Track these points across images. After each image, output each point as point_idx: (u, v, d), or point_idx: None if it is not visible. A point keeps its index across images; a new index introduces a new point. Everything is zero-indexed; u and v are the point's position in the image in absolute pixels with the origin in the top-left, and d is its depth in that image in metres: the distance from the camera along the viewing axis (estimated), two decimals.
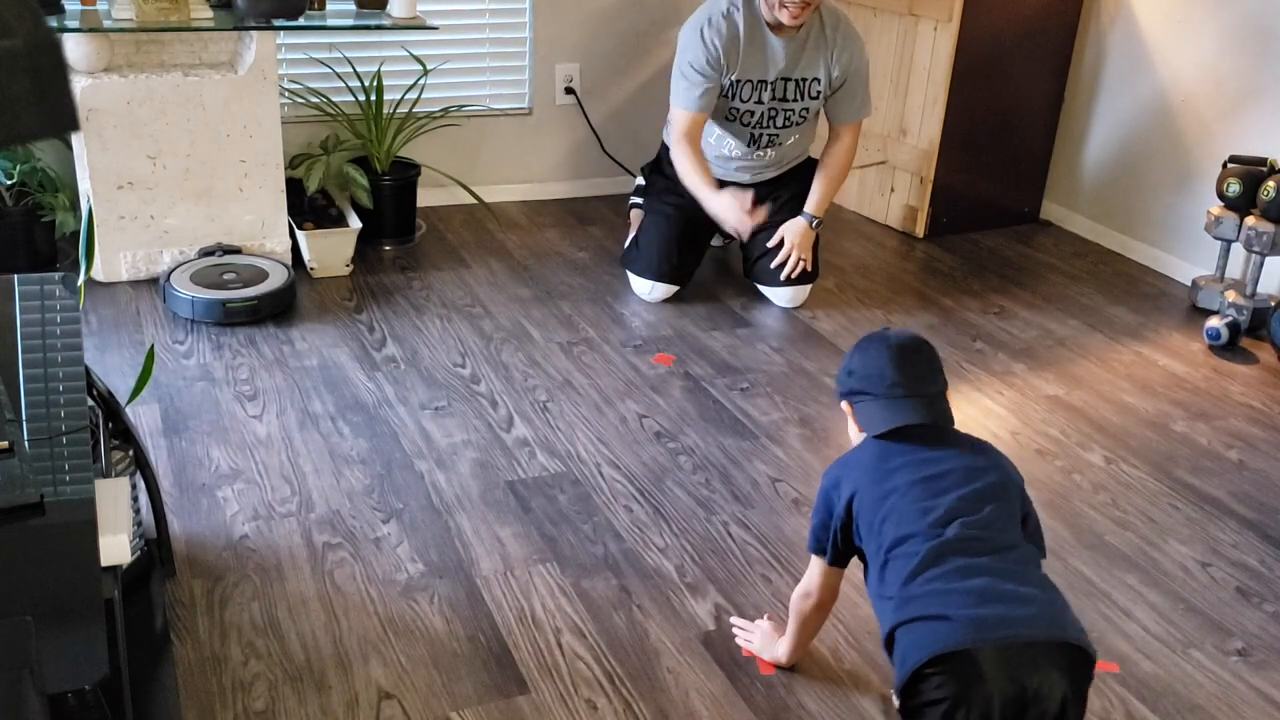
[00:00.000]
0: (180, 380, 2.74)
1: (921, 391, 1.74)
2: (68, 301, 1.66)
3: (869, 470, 1.69)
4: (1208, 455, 2.69)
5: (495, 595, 2.07)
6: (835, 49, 3.18)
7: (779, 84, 3.20)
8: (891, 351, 1.75)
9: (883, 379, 1.75)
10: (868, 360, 1.78)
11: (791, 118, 3.26)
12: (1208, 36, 3.54)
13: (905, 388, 1.73)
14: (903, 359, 1.75)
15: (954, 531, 1.56)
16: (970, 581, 1.51)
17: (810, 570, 1.81)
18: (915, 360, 1.76)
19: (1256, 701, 1.93)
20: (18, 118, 0.95)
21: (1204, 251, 3.61)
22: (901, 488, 1.64)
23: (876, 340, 1.79)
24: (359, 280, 3.37)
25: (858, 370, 1.79)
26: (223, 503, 2.29)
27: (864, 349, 1.80)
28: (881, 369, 1.75)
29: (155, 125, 3.09)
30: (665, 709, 1.84)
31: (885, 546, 1.60)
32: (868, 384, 1.77)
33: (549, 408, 2.72)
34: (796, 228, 3.31)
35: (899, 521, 1.60)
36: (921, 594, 1.52)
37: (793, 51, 3.15)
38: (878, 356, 1.76)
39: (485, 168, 4.04)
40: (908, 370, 1.75)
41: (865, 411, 1.78)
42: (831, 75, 3.21)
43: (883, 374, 1.75)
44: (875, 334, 1.81)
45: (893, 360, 1.75)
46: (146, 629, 1.90)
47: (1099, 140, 3.97)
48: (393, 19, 3.37)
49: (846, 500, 1.69)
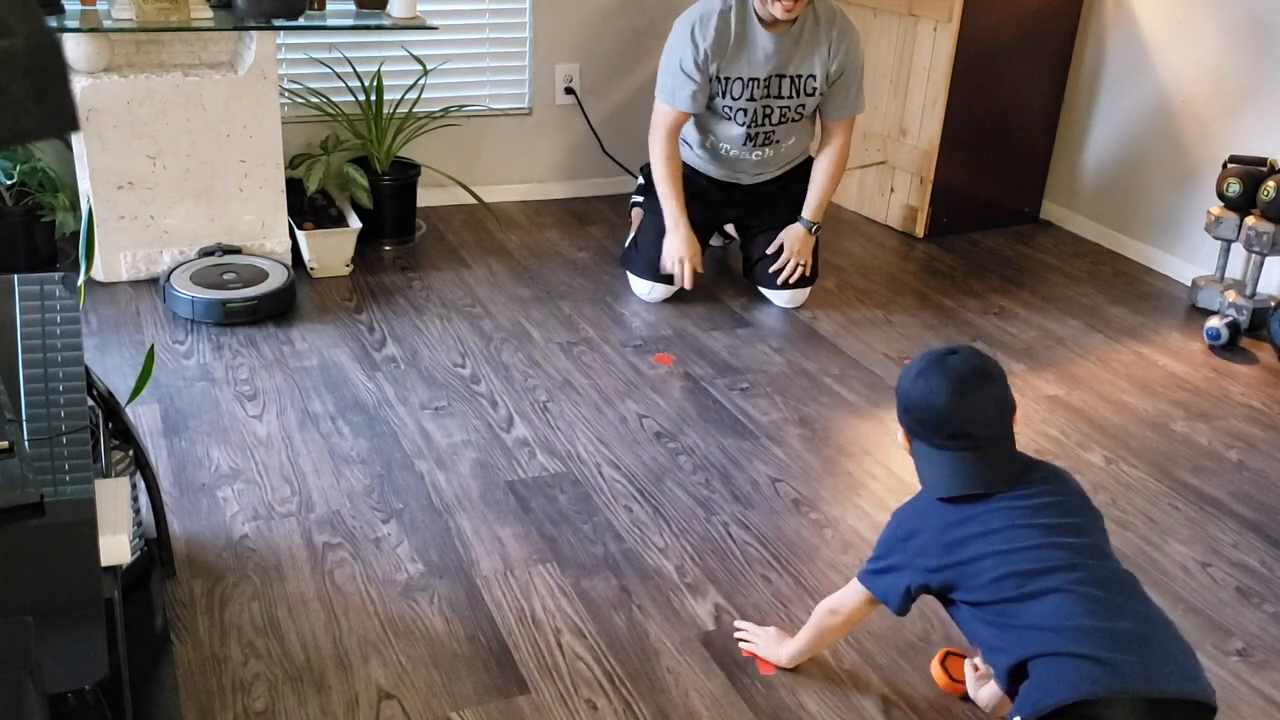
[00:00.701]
0: (180, 380, 2.74)
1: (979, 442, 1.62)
2: (68, 301, 1.66)
3: (938, 538, 1.63)
4: (1208, 455, 2.69)
5: (495, 595, 2.07)
6: (831, 44, 3.15)
7: (773, 81, 3.16)
8: (951, 389, 1.61)
9: (941, 426, 1.63)
10: (925, 396, 1.64)
11: (788, 114, 3.23)
12: (1208, 36, 3.54)
13: (962, 438, 1.62)
14: (965, 400, 1.61)
15: (1090, 564, 1.53)
16: (1119, 624, 1.48)
17: (850, 595, 1.77)
18: (980, 399, 1.62)
19: (1256, 701, 1.93)
20: (18, 118, 0.95)
21: (1204, 251, 3.61)
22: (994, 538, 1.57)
23: (935, 368, 1.64)
24: (359, 280, 3.37)
25: (914, 407, 1.66)
26: (223, 503, 2.29)
27: (922, 379, 1.65)
28: (940, 413, 1.62)
29: (155, 125, 3.09)
30: (665, 709, 1.84)
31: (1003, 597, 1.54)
32: (924, 428, 1.65)
33: (549, 408, 2.72)
34: (795, 234, 3.30)
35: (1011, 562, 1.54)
36: (1071, 629, 1.48)
37: (786, 47, 3.13)
38: (936, 393, 1.62)
39: (485, 168, 4.04)
40: (971, 414, 1.61)
41: (923, 458, 1.68)
42: (829, 71, 3.17)
43: (941, 419, 1.62)
44: (935, 357, 1.66)
45: (952, 402, 1.61)
46: (146, 629, 1.90)
47: (1099, 140, 3.97)
48: (393, 19, 3.37)
49: (929, 567, 1.63)
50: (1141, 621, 1.51)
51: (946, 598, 1.65)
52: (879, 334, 3.21)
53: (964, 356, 1.65)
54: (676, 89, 3.15)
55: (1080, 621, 1.49)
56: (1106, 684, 1.44)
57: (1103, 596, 1.51)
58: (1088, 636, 1.47)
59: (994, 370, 1.66)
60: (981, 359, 1.66)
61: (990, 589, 1.56)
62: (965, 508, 1.62)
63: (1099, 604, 1.50)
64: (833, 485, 2.47)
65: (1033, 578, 1.53)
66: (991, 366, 1.65)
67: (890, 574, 1.68)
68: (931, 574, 1.63)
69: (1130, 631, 1.48)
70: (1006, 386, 1.66)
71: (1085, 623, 1.48)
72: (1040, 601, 1.52)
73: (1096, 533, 1.64)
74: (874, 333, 3.21)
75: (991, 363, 1.66)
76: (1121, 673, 1.44)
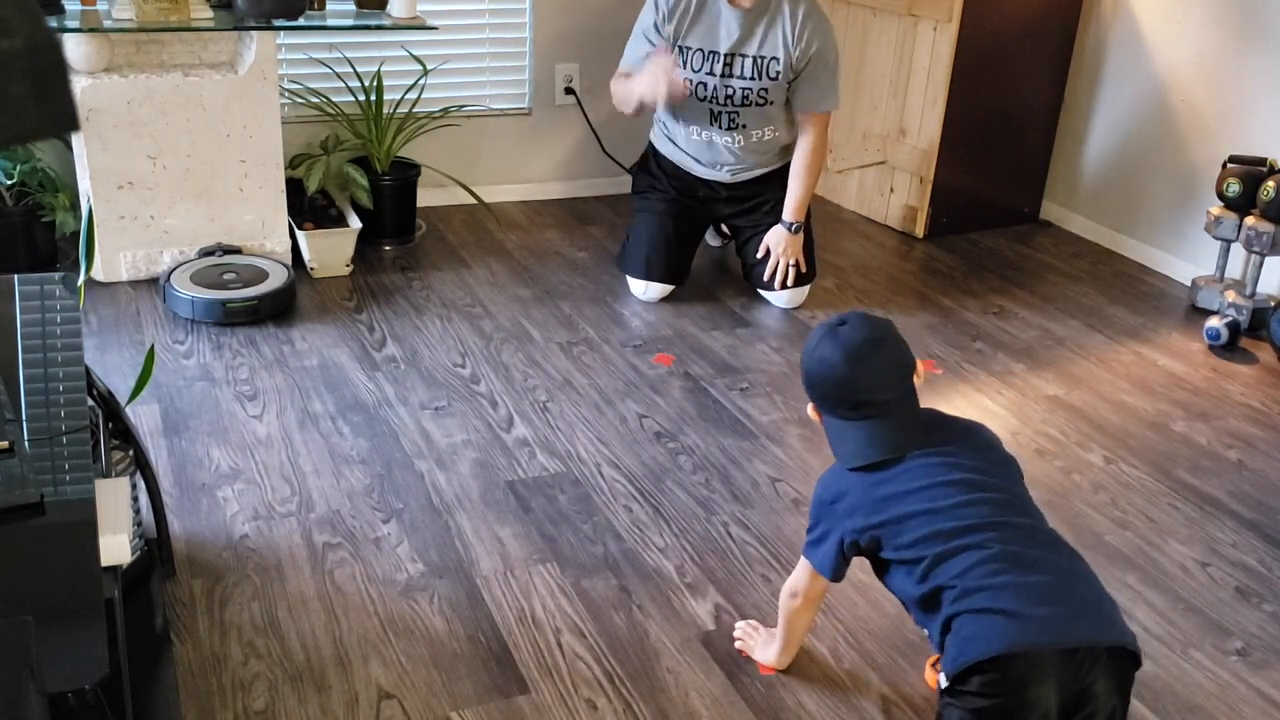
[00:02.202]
0: (180, 380, 2.74)
1: (887, 409, 1.65)
2: (68, 301, 1.66)
3: (863, 496, 1.65)
4: (1207, 455, 2.69)
5: (495, 595, 2.07)
6: (796, 29, 3.11)
7: (734, 59, 3.14)
8: (846, 361, 1.64)
9: (842, 398, 1.66)
10: (822, 370, 1.67)
11: (750, 96, 3.18)
12: (1208, 36, 3.54)
13: (864, 406, 1.65)
14: (861, 369, 1.64)
15: (1009, 521, 1.56)
16: (1033, 577, 1.51)
17: (800, 573, 1.79)
18: (876, 366, 1.65)
19: (1256, 701, 1.93)
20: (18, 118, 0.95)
21: (1204, 251, 3.61)
22: (917, 496, 1.60)
23: (828, 341, 1.67)
24: (359, 280, 3.37)
25: (814, 382, 1.69)
26: (223, 503, 2.29)
27: (816, 353, 1.68)
28: (839, 384, 1.66)
29: (155, 125, 3.09)
30: (665, 709, 1.84)
31: (928, 555, 1.56)
32: (827, 402, 1.69)
33: (549, 408, 2.72)
34: (777, 235, 3.30)
35: (936, 520, 1.57)
36: (987, 586, 1.51)
37: (747, 25, 3.11)
38: (832, 366, 1.66)
39: (485, 168, 4.04)
40: (869, 381, 1.65)
41: (832, 431, 1.71)
42: (792, 56, 3.13)
43: (841, 390, 1.66)
44: (827, 330, 1.68)
45: (849, 373, 1.64)
46: (146, 629, 1.90)
47: (1099, 140, 3.97)
48: (393, 19, 3.37)
49: (857, 527, 1.65)
50: (1058, 574, 1.53)
51: (877, 558, 1.66)
52: None
53: (854, 325, 1.67)
54: (634, 50, 3.21)
55: (995, 579, 1.51)
56: (1020, 638, 1.46)
57: (1019, 552, 1.53)
58: (1003, 592, 1.50)
59: (887, 334, 1.68)
60: (872, 325, 1.67)
61: (914, 548, 1.58)
62: (881, 472, 1.65)
63: (1014, 560, 1.52)
64: None
65: (953, 536, 1.55)
66: (883, 330, 1.68)
67: (824, 541, 1.70)
68: (860, 534, 1.65)
69: (1045, 584, 1.51)
70: (901, 347, 1.69)
71: (1000, 580, 1.50)
72: (958, 559, 1.54)
73: (1015, 484, 1.66)
74: None
75: (883, 326, 1.68)
76: (1035, 626, 1.47)
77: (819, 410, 1.73)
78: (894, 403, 1.66)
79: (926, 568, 1.57)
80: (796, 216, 3.29)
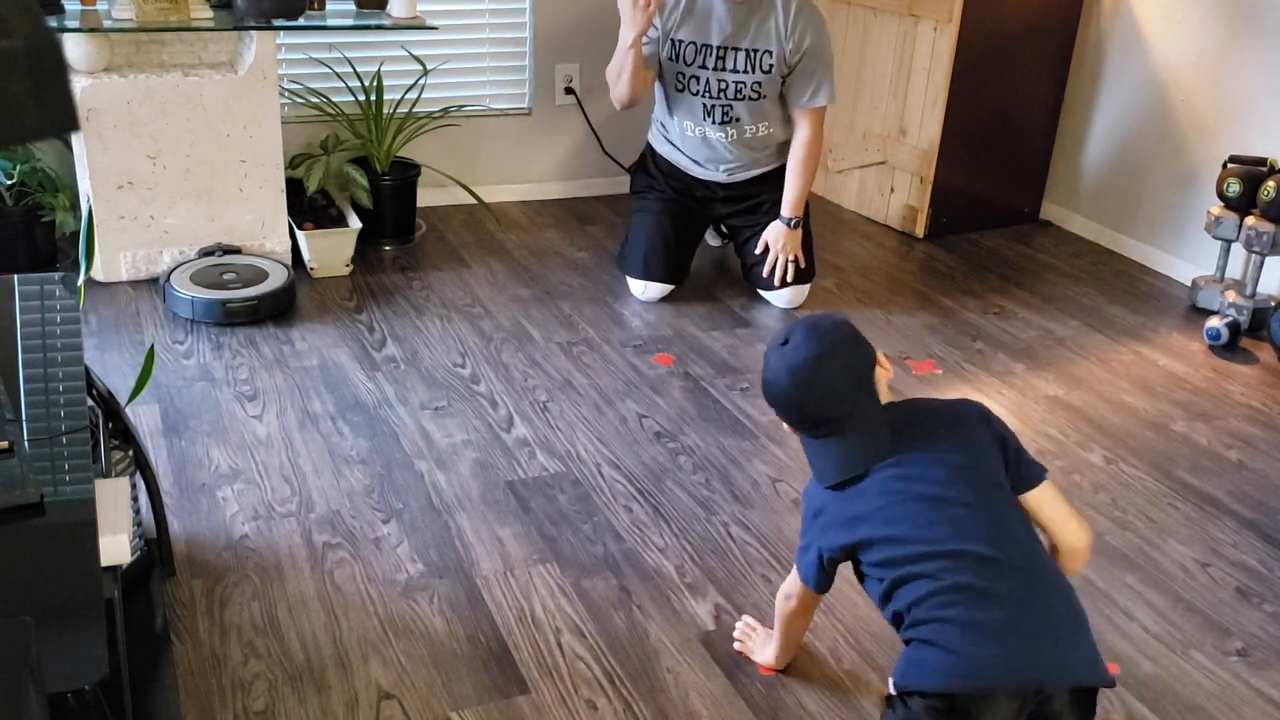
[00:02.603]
0: (180, 380, 2.74)
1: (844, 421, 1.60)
2: (68, 301, 1.66)
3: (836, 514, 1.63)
4: (1207, 455, 2.69)
5: (495, 595, 2.07)
6: (789, 23, 3.12)
7: (727, 53, 3.15)
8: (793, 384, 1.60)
9: (801, 419, 1.64)
10: (775, 394, 1.63)
11: (743, 90, 3.19)
12: (1208, 36, 3.54)
13: (825, 424, 1.61)
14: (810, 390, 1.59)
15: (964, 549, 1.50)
16: (983, 613, 1.47)
17: (792, 577, 1.78)
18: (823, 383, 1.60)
19: (1256, 701, 1.93)
20: (18, 118, 0.95)
21: (1204, 251, 3.61)
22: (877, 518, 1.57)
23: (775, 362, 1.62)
24: (359, 280, 3.37)
25: (771, 404, 1.66)
26: (223, 503, 2.29)
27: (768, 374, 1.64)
28: (790, 405, 1.62)
29: (155, 125, 3.09)
30: (665, 709, 1.84)
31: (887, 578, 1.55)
32: (789, 421, 1.67)
33: (549, 408, 2.72)
34: (775, 231, 3.30)
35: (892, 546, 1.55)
36: (936, 619, 1.48)
37: (740, 19, 3.12)
38: (782, 390, 1.61)
39: (485, 168, 4.04)
40: (819, 401, 1.60)
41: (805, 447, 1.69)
42: (785, 50, 3.14)
43: (796, 413, 1.63)
44: (774, 350, 1.64)
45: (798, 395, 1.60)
46: (146, 629, 1.90)
47: (1099, 140, 3.97)
48: (393, 19, 3.37)
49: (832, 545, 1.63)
50: (1015, 605, 1.47)
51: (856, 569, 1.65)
52: (879, 334, 3.20)
53: (796, 343, 1.61)
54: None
55: (944, 612, 1.48)
56: (963, 678, 1.45)
57: (970, 583, 1.48)
58: (950, 628, 1.47)
59: (835, 343, 1.61)
60: (816, 338, 1.60)
61: (878, 568, 1.57)
62: (850, 488, 1.62)
63: (965, 592, 1.48)
64: None
65: (907, 563, 1.53)
66: (830, 340, 1.60)
67: (808, 552, 1.69)
68: (835, 550, 1.64)
69: (996, 621, 1.46)
70: (854, 352, 1.62)
71: (949, 613, 1.48)
72: (911, 586, 1.52)
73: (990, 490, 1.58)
74: (874, 333, 3.21)
75: (829, 336, 1.61)
76: (980, 666, 1.45)
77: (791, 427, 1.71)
78: (851, 415, 1.61)
79: (886, 590, 1.56)
80: (794, 212, 3.29)
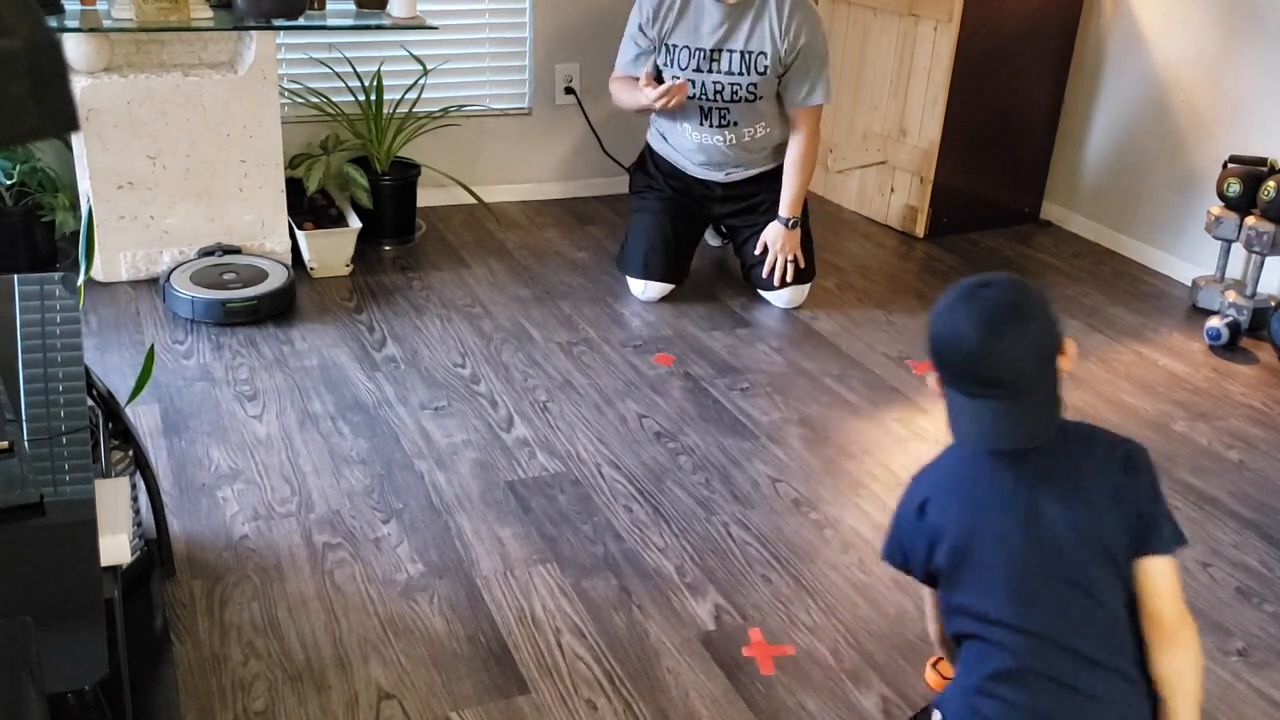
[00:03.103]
0: (180, 380, 2.74)
1: (1017, 388, 1.42)
2: (68, 301, 1.66)
3: (958, 495, 1.48)
4: (1208, 455, 2.69)
5: (495, 595, 2.07)
6: (783, 24, 3.12)
7: (721, 55, 3.15)
8: (977, 323, 1.41)
9: (965, 370, 1.43)
10: (952, 337, 1.44)
11: (739, 92, 3.19)
12: (1208, 36, 3.54)
13: (995, 385, 1.42)
14: (998, 343, 1.40)
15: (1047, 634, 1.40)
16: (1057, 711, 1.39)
17: (927, 600, 1.67)
18: (1015, 341, 1.41)
19: (1256, 701, 1.93)
20: (18, 118, 0.95)
21: (1204, 251, 3.61)
22: (991, 541, 1.44)
23: (964, 305, 1.44)
24: (359, 280, 3.37)
25: (941, 349, 1.46)
26: (223, 503, 2.29)
27: (948, 316, 1.45)
28: (968, 357, 1.42)
29: (155, 125, 3.09)
30: (665, 709, 1.84)
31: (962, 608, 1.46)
32: (948, 371, 1.47)
33: (549, 408, 2.72)
34: (774, 232, 3.30)
35: (985, 591, 1.44)
36: (1003, 698, 1.41)
37: (733, 20, 3.13)
38: (964, 334, 1.42)
39: (485, 168, 4.04)
40: (1000, 354, 1.41)
41: (951, 404, 1.48)
42: (780, 51, 3.14)
43: (966, 359, 1.42)
44: (966, 291, 1.46)
45: (978, 338, 1.41)
46: (146, 629, 1.90)
47: (1099, 140, 3.97)
48: (393, 19, 3.37)
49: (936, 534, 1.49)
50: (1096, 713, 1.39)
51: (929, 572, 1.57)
52: (879, 334, 3.21)
53: (1000, 289, 1.43)
54: (625, 53, 3.27)
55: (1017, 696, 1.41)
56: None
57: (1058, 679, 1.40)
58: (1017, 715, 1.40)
59: (1034, 305, 1.44)
60: (1019, 292, 1.44)
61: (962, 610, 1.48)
62: (995, 473, 1.46)
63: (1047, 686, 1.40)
64: (833, 485, 2.47)
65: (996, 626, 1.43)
66: (1031, 300, 1.43)
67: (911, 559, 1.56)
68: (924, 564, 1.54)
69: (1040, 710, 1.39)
70: (1049, 323, 1.44)
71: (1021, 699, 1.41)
72: (990, 649, 1.44)
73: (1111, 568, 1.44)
74: (874, 333, 3.21)
75: (1031, 295, 1.44)
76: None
77: (940, 381, 1.51)
78: (1029, 388, 1.43)
79: (959, 628, 1.49)
80: (792, 212, 3.29)
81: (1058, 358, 1.46)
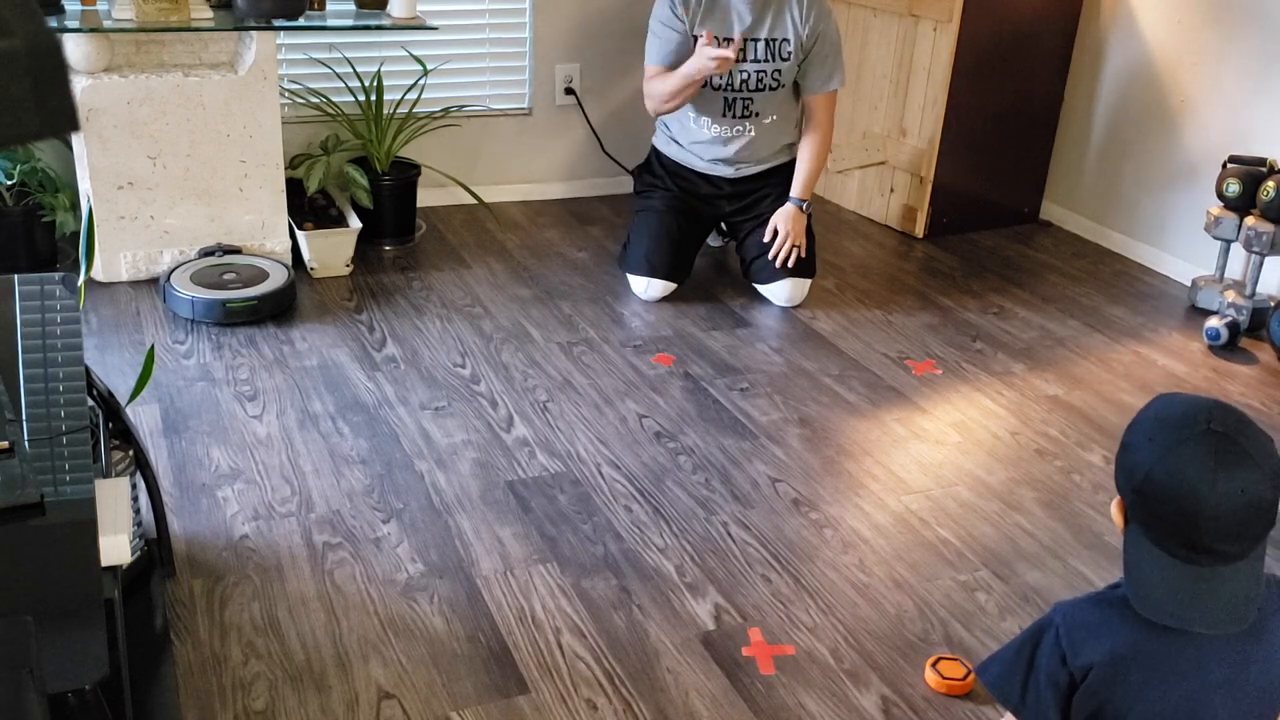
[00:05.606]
0: (180, 380, 2.74)
1: (1229, 562, 1.18)
2: (68, 301, 1.66)
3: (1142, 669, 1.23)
4: None
5: (495, 595, 2.07)
6: (803, 10, 3.20)
7: (747, 44, 3.21)
8: (1215, 488, 1.15)
9: (1185, 531, 1.18)
10: (1173, 485, 1.18)
11: (764, 80, 3.24)
12: (1207, 36, 3.54)
13: (1209, 556, 1.18)
14: (1226, 503, 1.15)
15: None
16: None
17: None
18: (1242, 502, 1.16)
19: None
20: (18, 118, 0.95)
21: (1204, 251, 3.61)
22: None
23: (1195, 445, 1.18)
24: (359, 280, 3.37)
25: (1152, 494, 1.20)
26: (223, 503, 2.29)
27: (1171, 458, 1.18)
28: (1188, 517, 1.17)
29: (155, 125, 3.09)
30: (665, 709, 1.84)
31: None
32: (1158, 522, 1.20)
33: (549, 408, 2.72)
34: (786, 213, 3.32)
35: None
36: None
37: (757, 10, 3.19)
38: (1190, 486, 1.17)
39: (485, 168, 4.04)
40: (1227, 524, 1.16)
41: (1140, 552, 1.23)
42: (801, 36, 3.21)
43: (1188, 522, 1.17)
44: (1195, 431, 1.18)
45: (1210, 507, 1.15)
46: (146, 629, 1.90)
47: (1099, 140, 3.97)
48: (393, 19, 3.37)
49: (1100, 706, 1.25)
50: None
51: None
52: (878, 334, 3.21)
53: (1232, 433, 1.18)
54: (658, 47, 3.26)
55: None
56: None
57: None
58: None
59: (1256, 450, 1.18)
60: (1264, 448, 1.18)
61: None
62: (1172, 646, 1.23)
63: None
64: (833, 485, 2.48)
65: None
66: (1252, 444, 1.18)
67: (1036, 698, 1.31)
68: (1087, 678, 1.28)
69: None
70: (1272, 476, 1.18)
71: None
72: None
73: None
74: (873, 333, 3.21)
75: (1269, 450, 1.18)
76: None
77: (1127, 516, 1.26)
78: (1242, 558, 1.19)
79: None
80: (805, 194, 3.34)
81: (1272, 523, 1.21)
